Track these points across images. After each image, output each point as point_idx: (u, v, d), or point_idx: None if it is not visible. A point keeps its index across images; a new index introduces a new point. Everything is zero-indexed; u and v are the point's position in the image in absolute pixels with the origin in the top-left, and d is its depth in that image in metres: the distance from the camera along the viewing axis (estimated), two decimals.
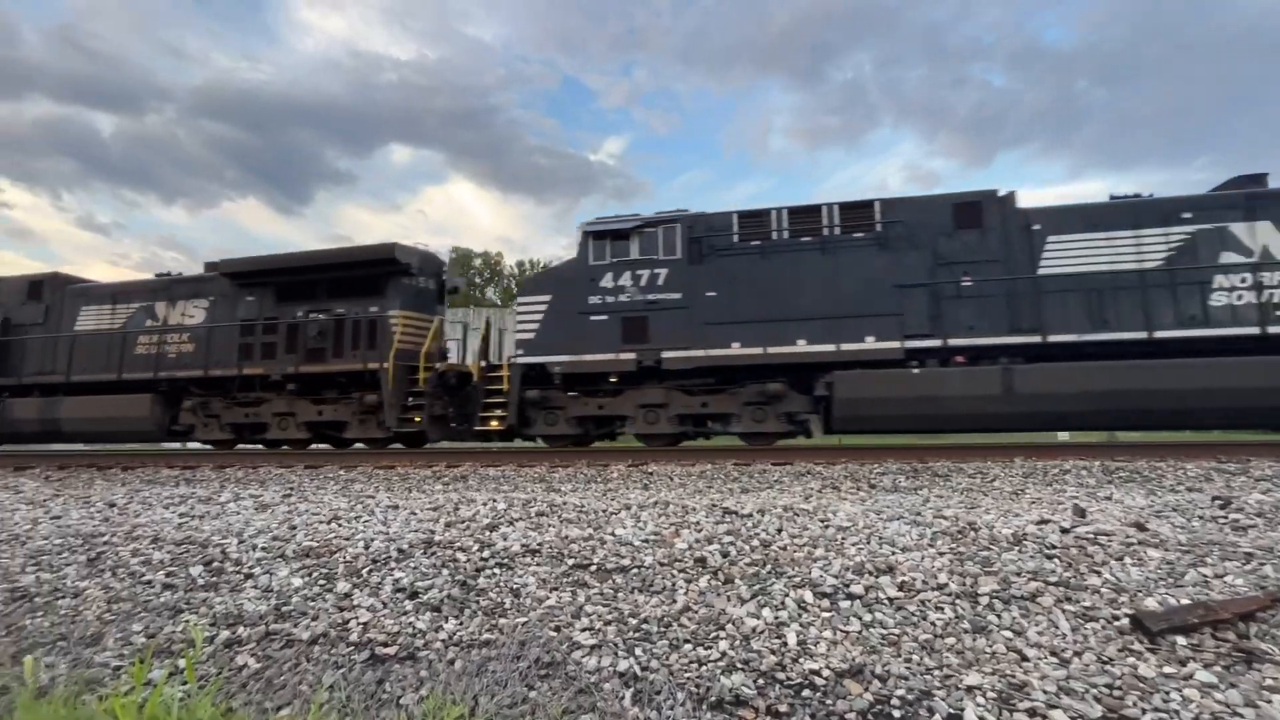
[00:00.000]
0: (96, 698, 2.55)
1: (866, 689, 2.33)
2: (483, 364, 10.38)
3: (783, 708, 2.27)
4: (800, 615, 2.83)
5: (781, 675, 2.43)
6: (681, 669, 2.51)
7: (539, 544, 3.76)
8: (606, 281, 9.61)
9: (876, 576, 3.11)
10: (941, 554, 3.35)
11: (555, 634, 2.80)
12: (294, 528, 4.43)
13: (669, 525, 4.02)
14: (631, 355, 9.28)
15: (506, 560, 3.58)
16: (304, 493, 6.42)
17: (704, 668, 2.51)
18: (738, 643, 2.65)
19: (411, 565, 3.59)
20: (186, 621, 3.16)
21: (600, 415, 9.72)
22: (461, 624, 2.97)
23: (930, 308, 8.64)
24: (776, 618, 2.81)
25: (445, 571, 3.48)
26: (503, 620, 2.96)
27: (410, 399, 10.42)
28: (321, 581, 3.49)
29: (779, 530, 3.80)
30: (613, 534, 3.87)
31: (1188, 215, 8.26)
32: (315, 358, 10.76)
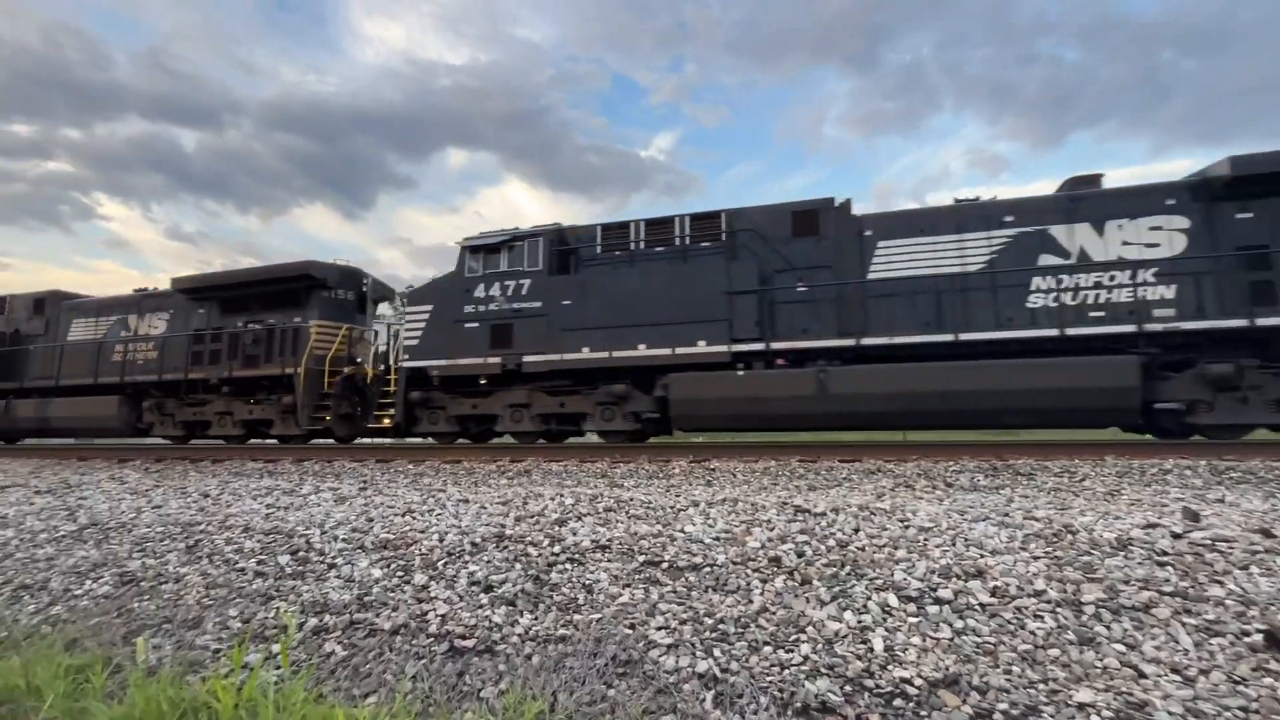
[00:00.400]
0: (200, 679, 2.69)
1: (964, 701, 2.19)
2: (381, 368, 11.30)
3: (874, 717, 2.16)
4: (885, 619, 2.70)
5: (870, 682, 2.32)
6: (763, 672, 2.44)
7: (609, 540, 3.75)
8: (479, 292, 10.41)
9: (966, 580, 2.94)
10: (1036, 558, 3.14)
11: (630, 631, 2.77)
12: (371, 520, 4.59)
13: (739, 523, 3.93)
14: (497, 359, 10.03)
15: (577, 556, 3.59)
16: (378, 486, 6.66)
17: (786, 671, 2.42)
18: (820, 646, 2.55)
19: (485, 559, 3.64)
20: (277, 608, 3.31)
21: (476, 414, 10.48)
22: (536, 619, 2.98)
23: (759, 313, 8.94)
24: (860, 621, 2.69)
25: (518, 566, 3.51)
26: (577, 616, 2.96)
27: (326, 400, 11.59)
28: (400, 573, 3.59)
29: (856, 530, 3.66)
30: (682, 531, 3.82)
31: (1010, 219, 8.42)
32: (251, 363, 12.09)
